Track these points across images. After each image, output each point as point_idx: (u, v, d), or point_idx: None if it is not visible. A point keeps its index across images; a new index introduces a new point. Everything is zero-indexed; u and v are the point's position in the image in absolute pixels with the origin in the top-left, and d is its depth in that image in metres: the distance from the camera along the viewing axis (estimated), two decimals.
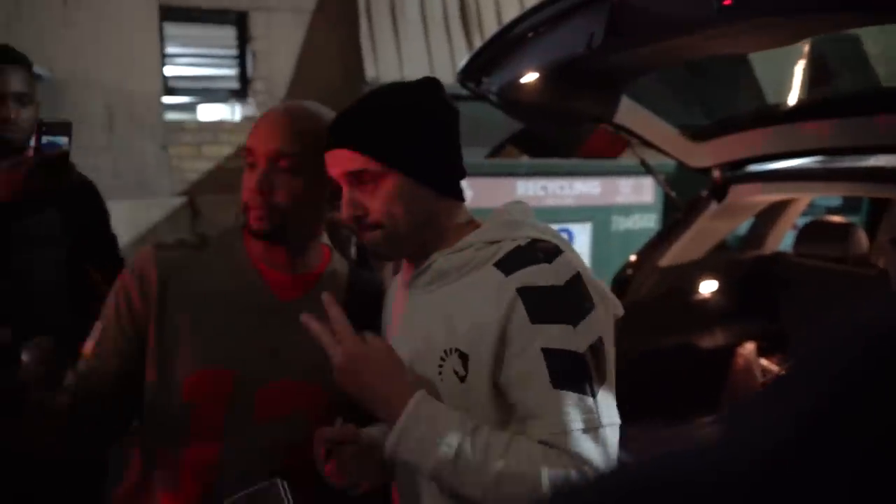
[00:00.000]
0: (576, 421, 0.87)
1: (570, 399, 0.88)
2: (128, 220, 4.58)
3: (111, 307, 1.15)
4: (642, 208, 4.62)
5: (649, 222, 4.65)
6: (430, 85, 1.02)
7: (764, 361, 2.85)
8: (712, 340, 2.89)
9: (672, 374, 2.61)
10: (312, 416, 1.11)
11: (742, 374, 2.84)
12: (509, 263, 0.93)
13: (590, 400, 0.88)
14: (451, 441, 0.88)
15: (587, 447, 0.87)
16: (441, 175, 1.01)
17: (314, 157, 1.06)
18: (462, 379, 0.93)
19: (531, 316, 0.89)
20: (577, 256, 0.98)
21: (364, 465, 1.01)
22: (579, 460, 0.87)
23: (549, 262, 0.92)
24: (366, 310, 1.16)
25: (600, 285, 0.99)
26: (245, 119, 5.15)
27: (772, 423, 0.31)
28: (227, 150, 4.89)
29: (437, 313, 0.99)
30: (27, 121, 1.64)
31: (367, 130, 0.98)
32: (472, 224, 1.04)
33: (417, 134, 0.98)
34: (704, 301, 2.87)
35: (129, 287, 1.13)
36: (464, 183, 1.06)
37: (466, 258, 0.98)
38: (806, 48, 3.21)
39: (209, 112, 5.85)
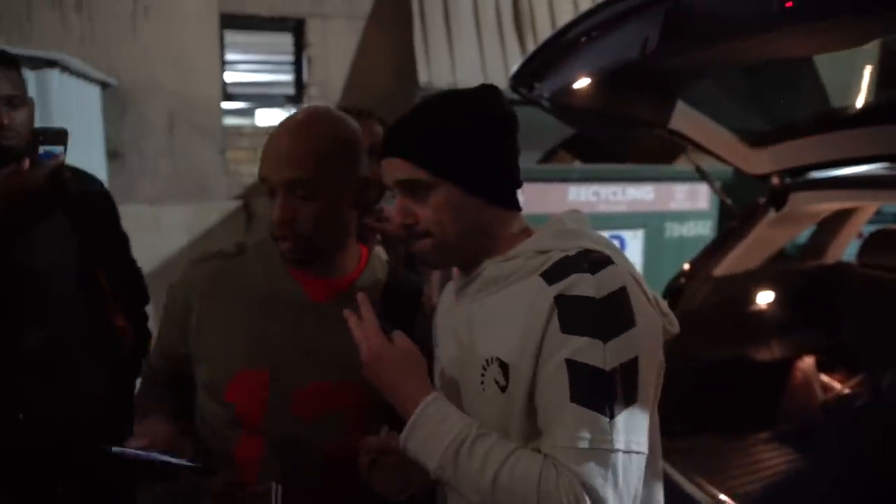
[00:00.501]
0: (583, 439, 0.84)
1: (584, 415, 0.84)
2: (185, 222, 4.74)
3: (163, 315, 1.25)
4: (697, 215, 4.51)
5: (704, 229, 4.53)
6: (485, 92, 1.01)
7: (824, 377, 2.74)
8: (769, 353, 2.79)
9: (727, 387, 2.53)
10: (351, 413, 1.14)
11: (800, 390, 2.73)
12: (554, 273, 0.92)
13: (605, 420, 0.84)
14: (453, 443, 0.89)
15: (589, 469, 0.83)
16: (493, 185, 1.00)
17: (333, 170, 1.08)
18: (503, 389, 0.92)
19: (562, 325, 0.87)
20: (628, 269, 0.94)
21: (408, 473, 1.01)
22: (578, 481, 0.83)
23: (593, 272, 0.89)
24: (402, 311, 1.19)
25: (655, 300, 0.96)
26: None
27: None
28: None
29: (481, 321, 0.99)
30: (22, 124, 1.53)
31: (417, 140, 0.98)
32: (526, 233, 1.03)
33: (469, 144, 0.97)
34: (761, 312, 2.77)
35: (173, 299, 1.22)
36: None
37: (515, 267, 0.97)
38: (877, 48, 3.07)
39: (266, 117, 6.00)
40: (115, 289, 1.81)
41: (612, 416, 0.84)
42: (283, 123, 1.11)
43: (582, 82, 1.90)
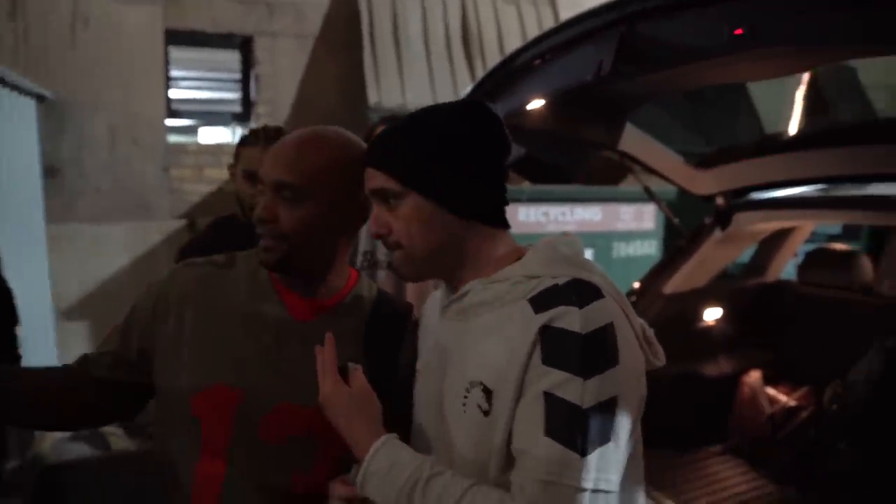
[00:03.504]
0: (551, 473, 0.83)
1: (555, 450, 0.83)
2: (127, 241, 4.57)
3: (129, 313, 1.19)
4: (643, 235, 4.62)
5: (650, 249, 4.65)
6: (469, 107, 1.00)
7: (770, 390, 2.83)
8: (717, 369, 2.87)
9: (677, 402, 2.58)
10: (324, 440, 1.09)
11: (748, 403, 2.81)
12: (542, 301, 0.90)
13: (576, 457, 0.82)
14: (406, 486, 0.89)
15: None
16: (468, 199, 0.98)
17: (324, 186, 1.06)
18: (485, 413, 0.91)
19: (544, 356, 0.86)
20: (618, 302, 0.93)
21: None
22: None
23: (581, 306, 0.87)
24: (389, 334, 1.17)
25: (642, 331, 0.96)
26: None
27: None
28: (227, 173, 4.90)
29: (466, 342, 0.97)
30: None
31: (388, 150, 0.98)
32: (515, 253, 1.01)
33: (439, 156, 0.96)
34: (709, 329, 2.85)
35: (149, 299, 1.17)
36: None
37: (503, 291, 0.95)
38: (805, 76, 3.24)
39: (210, 135, 5.87)
40: None
41: (583, 454, 0.83)
42: (295, 132, 1.13)
43: (535, 104, 1.93)
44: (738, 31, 1.20)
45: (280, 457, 1.09)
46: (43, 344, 3.89)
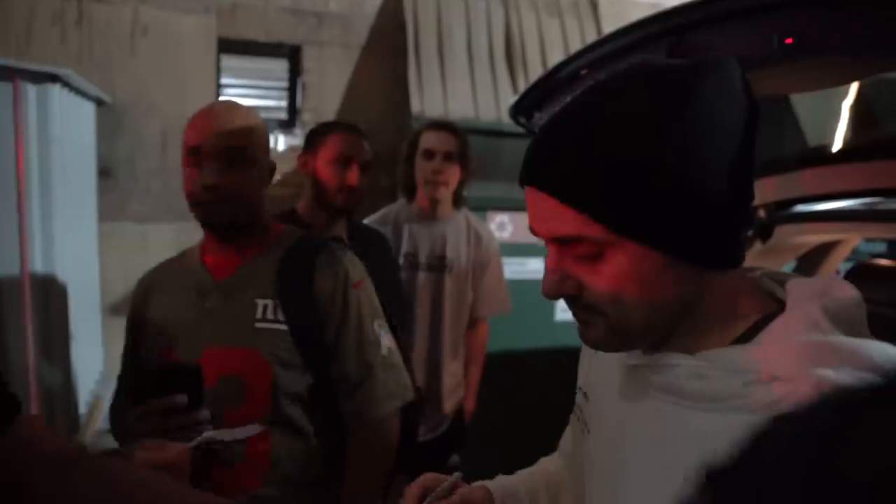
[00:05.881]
0: None
1: None
2: (173, 241, 4.71)
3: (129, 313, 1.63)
4: None
5: None
6: (692, 71, 0.65)
7: None
8: None
9: None
10: (248, 377, 1.37)
11: None
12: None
13: None
14: None
15: None
16: (710, 240, 0.65)
17: (255, 145, 1.45)
18: None
19: None
20: None
21: None
22: None
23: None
24: (302, 265, 1.46)
25: None
26: (290, 148, 5.29)
27: None
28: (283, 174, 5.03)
29: (676, 435, 0.67)
30: None
31: (587, 178, 0.64)
32: (757, 305, 0.68)
33: (672, 178, 0.62)
34: None
35: (133, 295, 1.61)
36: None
37: (727, 387, 0.62)
38: (853, 88, 3.22)
39: None
40: None
41: None
42: (209, 107, 1.45)
43: None
44: (788, 41, 1.23)
45: (213, 395, 1.32)
46: (91, 335, 4.05)
